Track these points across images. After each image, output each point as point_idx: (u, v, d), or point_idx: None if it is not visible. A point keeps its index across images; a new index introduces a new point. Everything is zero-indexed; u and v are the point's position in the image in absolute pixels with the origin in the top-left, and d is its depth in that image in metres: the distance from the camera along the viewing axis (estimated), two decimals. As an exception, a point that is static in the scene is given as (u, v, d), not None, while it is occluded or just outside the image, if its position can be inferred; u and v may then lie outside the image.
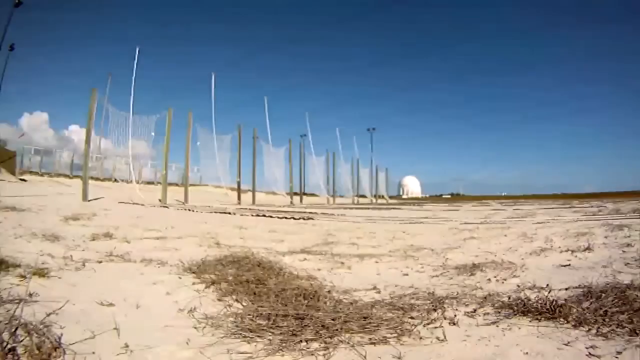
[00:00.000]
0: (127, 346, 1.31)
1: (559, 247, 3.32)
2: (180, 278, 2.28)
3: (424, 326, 1.53)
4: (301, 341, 1.36)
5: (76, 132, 40.98)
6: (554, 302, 1.60)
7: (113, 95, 20.86)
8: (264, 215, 7.87)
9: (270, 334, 1.41)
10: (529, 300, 1.68)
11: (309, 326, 1.46)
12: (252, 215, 7.89)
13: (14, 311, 1.28)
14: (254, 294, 1.91)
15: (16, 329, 1.18)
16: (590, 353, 1.24)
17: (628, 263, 2.50)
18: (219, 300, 1.90)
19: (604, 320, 1.43)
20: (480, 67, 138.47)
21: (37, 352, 1.13)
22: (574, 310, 1.53)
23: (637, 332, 1.32)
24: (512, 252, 3.29)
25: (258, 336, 1.40)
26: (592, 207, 11.86)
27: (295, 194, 22.66)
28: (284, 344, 1.34)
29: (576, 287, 1.95)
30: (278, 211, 9.75)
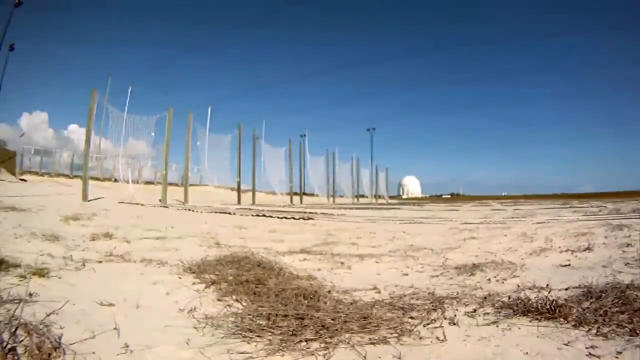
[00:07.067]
0: (127, 346, 1.31)
1: (559, 247, 3.32)
2: (180, 278, 2.28)
3: (424, 326, 1.53)
4: (301, 341, 1.36)
5: (76, 132, 40.98)
6: (554, 302, 1.60)
7: (113, 96, 20.88)
8: (264, 215, 7.87)
9: (270, 334, 1.41)
10: (529, 300, 1.68)
11: (309, 326, 1.46)
12: (252, 215, 7.89)
13: (14, 311, 1.28)
14: (254, 294, 1.91)
15: (16, 329, 1.18)
16: (590, 353, 1.24)
17: (628, 263, 2.51)
18: (219, 300, 1.90)
19: (604, 320, 1.43)
20: (480, 67, 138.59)
21: (37, 352, 1.13)
22: (574, 310, 1.53)
23: (637, 332, 1.32)
24: (512, 252, 3.29)
25: (258, 336, 1.40)
26: (592, 207, 11.86)
27: (295, 194, 22.64)
28: (284, 344, 1.34)
29: (576, 287, 1.95)
30: (278, 211, 9.75)
